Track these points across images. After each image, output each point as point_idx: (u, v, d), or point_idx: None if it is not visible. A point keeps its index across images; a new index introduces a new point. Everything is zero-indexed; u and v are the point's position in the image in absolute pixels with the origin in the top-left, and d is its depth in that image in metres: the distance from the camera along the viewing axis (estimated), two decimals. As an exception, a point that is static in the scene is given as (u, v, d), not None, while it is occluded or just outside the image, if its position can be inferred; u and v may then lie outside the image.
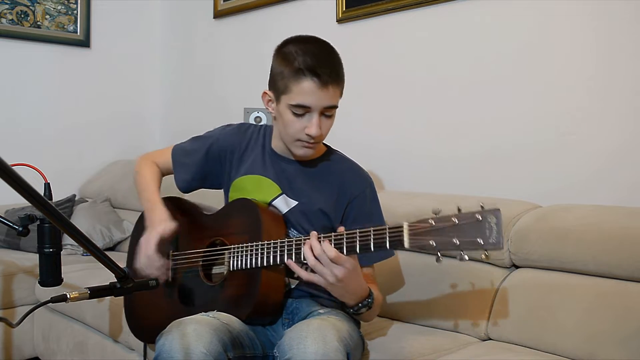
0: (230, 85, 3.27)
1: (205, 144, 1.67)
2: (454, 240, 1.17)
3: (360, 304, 1.39)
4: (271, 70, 1.49)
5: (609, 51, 1.87)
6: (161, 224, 1.52)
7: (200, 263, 1.57)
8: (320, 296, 1.55)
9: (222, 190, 1.74)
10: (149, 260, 1.49)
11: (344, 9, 2.61)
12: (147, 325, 1.67)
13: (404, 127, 2.43)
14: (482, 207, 1.17)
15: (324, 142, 1.65)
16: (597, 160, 1.89)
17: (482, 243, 1.15)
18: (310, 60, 1.39)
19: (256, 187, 1.59)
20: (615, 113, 1.86)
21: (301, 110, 1.42)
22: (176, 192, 1.74)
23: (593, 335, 1.51)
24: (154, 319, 1.62)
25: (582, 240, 1.59)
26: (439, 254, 1.20)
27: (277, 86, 1.46)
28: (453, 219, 1.18)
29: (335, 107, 1.45)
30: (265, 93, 1.52)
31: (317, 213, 1.54)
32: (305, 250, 1.29)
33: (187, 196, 1.79)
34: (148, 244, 1.49)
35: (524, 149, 2.06)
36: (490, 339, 1.71)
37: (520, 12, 2.06)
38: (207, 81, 3.44)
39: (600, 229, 1.59)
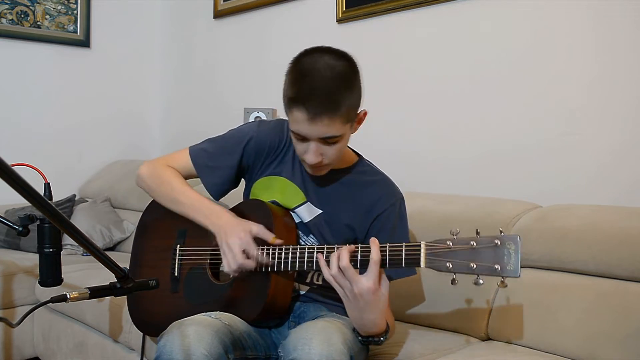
0: (230, 85, 3.26)
1: (241, 142, 1.56)
2: (471, 265, 1.16)
3: (370, 338, 1.36)
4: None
5: (609, 51, 1.87)
6: (243, 224, 1.43)
7: (208, 260, 1.56)
8: (329, 302, 1.55)
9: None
10: (252, 262, 1.41)
11: (344, 9, 2.61)
12: (150, 319, 1.67)
13: (403, 127, 2.43)
14: (501, 231, 1.17)
15: (355, 150, 1.61)
16: (597, 160, 1.89)
17: (499, 270, 1.14)
18: (305, 89, 1.30)
19: (281, 190, 1.55)
20: (615, 113, 1.86)
21: (299, 136, 1.37)
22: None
23: (593, 335, 1.50)
24: (158, 312, 1.62)
25: (582, 240, 1.59)
26: (454, 275, 1.19)
27: (284, 105, 1.40)
28: (471, 243, 1.17)
29: (335, 136, 1.35)
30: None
31: (342, 225, 1.52)
32: (332, 258, 1.26)
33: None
34: (251, 249, 1.40)
35: (524, 149, 2.06)
36: (490, 339, 1.71)
37: (521, 12, 2.06)
38: (207, 81, 3.44)
39: (600, 229, 1.59)
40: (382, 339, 1.36)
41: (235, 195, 1.70)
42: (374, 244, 1.25)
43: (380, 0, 2.46)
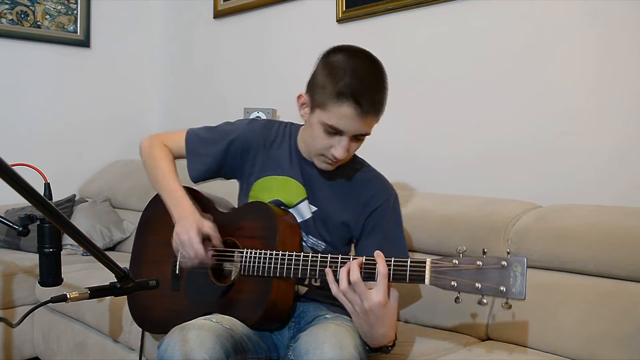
0: (230, 85, 3.26)
1: (226, 137, 1.61)
2: (476, 285, 1.16)
3: (377, 349, 1.35)
4: (313, 76, 1.43)
5: (609, 51, 1.87)
6: (194, 215, 1.48)
7: None
8: (326, 302, 1.55)
9: (227, 181, 1.71)
10: (195, 251, 1.45)
11: (344, 9, 2.61)
12: (150, 315, 1.66)
13: (404, 127, 2.43)
14: (508, 252, 1.17)
15: None
16: (597, 160, 1.89)
17: (505, 291, 1.13)
18: (356, 85, 1.32)
19: (282, 188, 1.56)
20: (615, 113, 1.86)
21: (333, 130, 1.38)
22: (186, 179, 1.69)
23: (593, 335, 1.51)
24: (158, 309, 1.62)
25: (582, 240, 1.59)
26: (459, 294, 1.18)
27: (315, 97, 1.40)
28: (477, 262, 1.16)
29: (368, 134, 1.42)
30: (301, 95, 1.46)
31: (337, 222, 1.53)
32: (342, 273, 1.25)
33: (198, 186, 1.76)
34: (189, 235, 1.44)
35: (524, 149, 2.06)
36: (490, 339, 1.71)
37: (521, 12, 2.06)
38: (206, 81, 3.44)
39: (600, 229, 1.59)
40: (390, 348, 1.36)
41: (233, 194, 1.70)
42: (380, 257, 1.24)
43: (380, 0, 2.46)
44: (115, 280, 1.06)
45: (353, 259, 1.27)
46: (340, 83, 1.33)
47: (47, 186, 1.54)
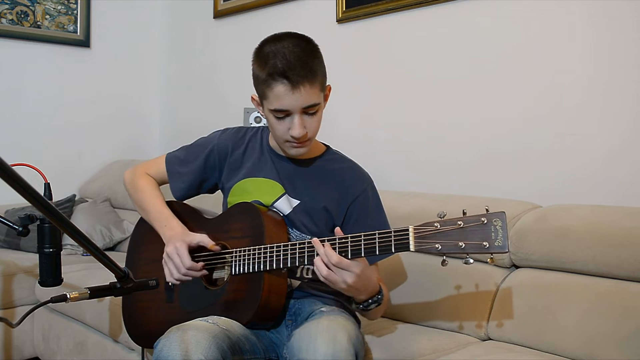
0: (230, 85, 3.27)
1: (203, 151, 1.66)
2: (460, 244, 1.17)
3: (370, 300, 1.40)
4: (252, 76, 1.48)
5: (609, 51, 1.87)
6: (184, 236, 1.52)
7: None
8: (322, 295, 1.55)
9: (213, 194, 1.74)
10: (188, 272, 1.49)
11: (344, 9, 2.61)
12: (146, 331, 1.65)
13: (403, 126, 2.43)
14: (487, 210, 1.18)
15: (324, 142, 1.65)
16: (597, 160, 1.89)
17: (488, 246, 1.15)
18: (279, 64, 1.37)
19: (258, 188, 1.58)
20: (615, 113, 1.86)
21: (281, 114, 1.41)
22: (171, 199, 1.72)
23: (593, 335, 1.51)
24: (154, 324, 1.61)
25: (582, 240, 1.59)
26: (444, 257, 1.20)
27: (258, 91, 1.47)
28: (458, 222, 1.18)
29: (316, 104, 1.42)
30: (253, 97, 1.53)
31: (321, 211, 1.54)
32: (317, 260, 1.29)
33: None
34: (182, 256, 1.48)
35: (523, 149, 2.06)
36: (490, 339, 1.71)
37: (520, 12, 2.07)
38: (207, 81, 3.44)
39: (600, 229, 1.59)
40: (379, 297, 1.41)
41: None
42: (317, 243, 1.31)
43: (380, 0, 2.46)
44: (115, 280, 1.06)
45: (340, 239, 1.32)
46: (266, 68, 1.39)
47: (47, 186, 1.54)
